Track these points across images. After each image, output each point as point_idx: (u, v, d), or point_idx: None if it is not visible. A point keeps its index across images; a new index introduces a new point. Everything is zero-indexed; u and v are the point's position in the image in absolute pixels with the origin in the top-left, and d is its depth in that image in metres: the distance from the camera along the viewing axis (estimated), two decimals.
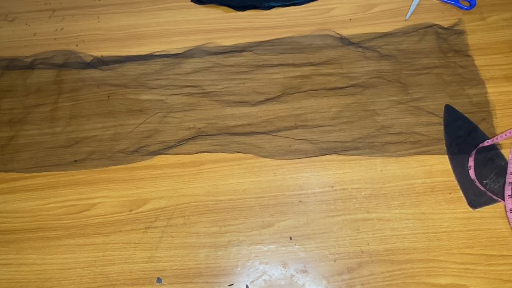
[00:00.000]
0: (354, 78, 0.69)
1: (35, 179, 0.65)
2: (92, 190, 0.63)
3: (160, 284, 0.57)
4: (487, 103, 0.66)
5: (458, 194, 0.60)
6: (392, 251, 0.58)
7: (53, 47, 0.75)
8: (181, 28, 0.76)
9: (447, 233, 0.58)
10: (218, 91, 0.70)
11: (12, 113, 0.70)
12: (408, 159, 0.63)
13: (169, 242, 0.60)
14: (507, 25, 0.72)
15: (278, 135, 0.65)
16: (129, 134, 0.67)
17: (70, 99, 0.70)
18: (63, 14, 0.79)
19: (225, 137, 0.66)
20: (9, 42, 0.76)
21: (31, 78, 0.73)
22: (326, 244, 0.59)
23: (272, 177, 0.63)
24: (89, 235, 0.61)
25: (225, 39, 0.74)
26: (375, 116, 0.66)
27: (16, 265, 0.59)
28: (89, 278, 0.58)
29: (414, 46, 0.72)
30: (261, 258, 0.59)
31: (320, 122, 0.66)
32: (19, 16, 0.79)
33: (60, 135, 0.67)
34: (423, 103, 0.66)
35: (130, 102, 0.70)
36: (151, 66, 0.73)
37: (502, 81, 0.68)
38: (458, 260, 0.57)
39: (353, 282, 0.57)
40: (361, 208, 0.60)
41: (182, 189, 0.63)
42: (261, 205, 0.61)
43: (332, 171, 0.63)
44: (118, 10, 0.79)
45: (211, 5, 0.78)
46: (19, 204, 0.63)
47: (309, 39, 0.74)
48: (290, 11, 0.77)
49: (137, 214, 0.62)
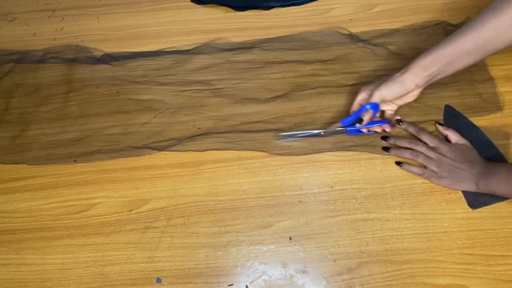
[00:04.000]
0: (363, 75, 0.69)
1: (35, 179, 0.65)
2: (92, 190, 0.63)
3: (160, 284, 0.57)
4: (497, 100, 0.66)
5: (458, 195, 0.60)
6: (391, 251, 0.58)
7: (46, 47, 0.75)
8: (181, 28, 0.76)
9: (447, 234, 0.58)
10: (227, 88, 0.70)
11: (22, 107, 0.70)
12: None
13: (168, 242, 0.60)
14: None
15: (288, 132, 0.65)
16: (138, 130, 0.67)
17: (79, 94, 0.71)
18: (63, 14, 0.79)
19: (235, 134, 0.65)
20: (9, 42, 0.76)
21: (41, 72, 0.73)
22: (325, 244, 0.59)
23: (272, 177, 0.63)
24: (88, 235, 0.61)
25: (225, 39, 0.74)
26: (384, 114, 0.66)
27: (16, 265, 0.59)
28: (89, 278, 0.58)
29: (423, 43, 0.72)
30: (260, 258, 0.59)
31: (329, 120, 0.66)
32: (19, 16, 0.79)
33: (69, 130, 0.68)
34: (433, 101, 0.66)
35: (140, 98, 0.70)
36: (160, 62, 0.73)
37: (502, 81, 0.68)
38: (458, 260, 0.57)
39: (353, 282, 0.57)
40: (360, 208, 0.60)
41: (181, 189, 0.63)
42: (260, 205, 0.61)
43: (331, 171, 0.63)
44: (118, 10, 0.79)
45: (211, 5, 0.78)
46: (19, 204, 0.63)
47: (318, 36, 0.74)
48: (290, 11, 0.77)
49: (137, 214, 0.62)
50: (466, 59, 0.56)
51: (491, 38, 0.54)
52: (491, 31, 0.53)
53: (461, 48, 0.55)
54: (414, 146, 0.61)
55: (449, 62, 0.56)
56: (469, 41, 0.55)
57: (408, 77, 0.58)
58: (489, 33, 0.53)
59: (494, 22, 0.53)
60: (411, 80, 0.58)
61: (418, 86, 0.58)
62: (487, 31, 0.53)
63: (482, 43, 0.54)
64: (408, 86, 0.58)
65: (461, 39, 0.55)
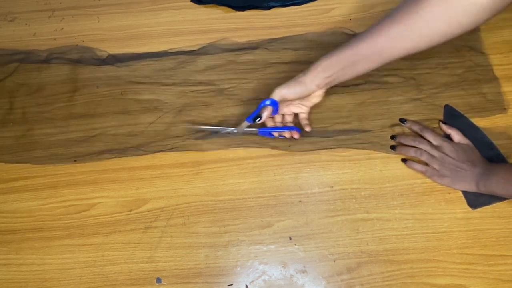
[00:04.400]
0: (368, 75, 0.69)
1: (35, 179, 0.65)
2: (92, 190, 0.63)
3: (160, 284, 0.58)
4: (502, 100, 0.66)
5: (458, 194, 0.60)
6: (391, 251, 0.58)
7: (51, 47, 0.75)
8: (181, 28, 0.76)
9: (447, 233, 0.58)
10: (231, 88, 0.70)
11: (26, 107, 0.70)
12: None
13: (168, 242, 0.60)
14: (507, 25, 0.72)
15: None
16: (143, 131, 0.67)
17: (83, 94, 0.70)
18: (63, 14, 0.79)
19: (241, 134, 0.65)
20: (9, 42, 0.76)
21: (46, 72, 0.73)
22: (325, 244, 0.59)
23: (272, 177, 0.63)
24: (88, 235, 0.61)
25: (229, 40, 0.74)
26: (389, 113, 0.66)
27: (15, 265, 0.59)
28: (89, 278, 0.58)
29: None
30: (260, 258, 0.59)
31: (335, 120, 0.66)
32: (19, 16, 0.79)
33: (73, 130, 0.68)
34: (438, 100, 0.67)
35: (144, 98, 0.70)
36: (165, 63, 0.73)
37: (502, 81, 0.67)
38: (458, 260, 0.57)
39: (353, 282, 0.57)
40: (360, 208, 0.60)
41: (181, 189, 0.63)
42: (260, 205, 0.61)
43: (331, 171, 0.63)
44: (118, 10, 0.79)
45: (211, 5, 0.78)
46: (18, 204, 0.63)
47: (322, 36, 0.74)
48: (290, 11, 0.77)
49: (137, 214, 0.62)
50: (365, 64, 0.56)
51: (386, 45, 0.54)
52: (386, 39, 0.53)
53: (358, 53, 0.56)
54: (418, 145, 0.62)
55: (347, 66, 0.57)
56: (365, 47, 0.55)
57: (308, 78, 0.58)
58: (385, 41, 0.54)
59: (390, 30, 0.53)
60: (311, 81, 0.58)
61: (319, 87, 0.59)
62: (383, 38, 0.53)
63: (378, 50, 0.54)
64: (308, 87, 0.59)
65: (358, 45, 0.55)
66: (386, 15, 0.54)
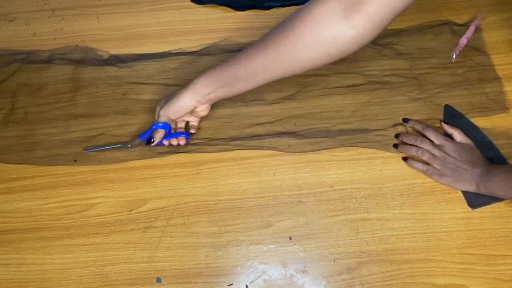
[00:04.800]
0: (370, 75, 0.69)
1: (35, 179, 0.65)
2: (92, 190, 0.63)
3: (160, 284, 0.57)
4: (504, 99, 0.66)
5: (457, 194, 0.60)
6: (391, 251, 0.58)
7: (53, 48, 0.75)
8: (181, 28, 0.76)
9: (447, 233, 0.58)
10: None
11: (28, 107, 0.70)
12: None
13: (168, 242, 0.60)
14: (506, 25, 0.72)
15: (296, 133, 0.65)
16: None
17: (85, 95, 0.70)
18: (63, 14, 0.79)
19: (243, 135, 0.66)
20: (9, 42, 0.76)
21: (47, 73, 0.73)
22: (325, 244, 0.59)
23: (272, 177, 0.63)
24: (88, 235, 0.61)
25: (231, 40, 0.74)
26: (391, 113, 0.66)
27: (15, 265, 0.59)
28: (89, 278, 0.58)
29: (430, 43, 0.72)
30: (260, 258, 0.59)
31: (337, 120, 0.66)
32: (19, 16, 0.79)
33: (74, 130, 0.68)
34: (440, 100, 0.67)
35: (146, 98, 0.70)
36: (167, 63, 0.73)
37: (504, 81, 0.67)
38: (457, 260, 0.57)
39: (353, 282, 0.57)
40: (360, 208, 0.60)
41: (181, 189, 0.63)
42: (260, 205, 0.61)
43: (331, 171, 0.63)
44: (118, 10, 0.79)
45: (211, 5, 0.78)
46: (18, 204, 0.63)
47: None
48: (290, 11, 0.76)
49: (137, 214, 0.62)
50: (242, 84, 0.57)
51: (259, 69, 0.54)
52: (259, 63, 0.54)
53: (234, 74, 0.56)
54: (420, 144, 0.62)
55: (224, 85, 0.57)
56: (240, 69, 0.55)
57: (188, 96, 0.59)
58: (258, 65, 0.54)
59: (262, 55, 0.53)
60: (191, 98, 0.59)
61: (201, 103, 0.59)
62: (256, 62, 0.54)
63: (252, 72, 0.55)
64: (189, 104, 0.59)
65: (234, 66, 0.56)
66: (261, 37, 0.54)
